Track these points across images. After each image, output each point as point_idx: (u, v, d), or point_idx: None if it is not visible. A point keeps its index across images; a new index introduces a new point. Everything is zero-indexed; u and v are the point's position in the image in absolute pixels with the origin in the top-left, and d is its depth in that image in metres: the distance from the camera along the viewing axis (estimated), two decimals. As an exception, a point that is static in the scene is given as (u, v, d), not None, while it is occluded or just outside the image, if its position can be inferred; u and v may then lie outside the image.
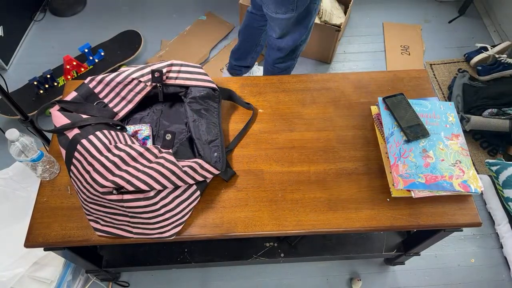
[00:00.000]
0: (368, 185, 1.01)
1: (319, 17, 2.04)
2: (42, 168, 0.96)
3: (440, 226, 0.97)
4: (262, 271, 1.56)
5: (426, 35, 2.37)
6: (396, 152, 1.00)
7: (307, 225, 0.95)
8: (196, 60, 2.20)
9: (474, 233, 1.67)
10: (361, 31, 2.39)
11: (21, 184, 1.44)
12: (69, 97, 1.02)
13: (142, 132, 1.06)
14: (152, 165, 0.86)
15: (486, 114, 1.85)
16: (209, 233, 0.94)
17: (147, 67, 1.05)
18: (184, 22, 2.39)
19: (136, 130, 1.06)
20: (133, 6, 2.52)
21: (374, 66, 2.22)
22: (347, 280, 1.54)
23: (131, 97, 1.05)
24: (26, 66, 2.20)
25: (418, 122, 1.03)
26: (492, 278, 1.56)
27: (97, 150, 0.86)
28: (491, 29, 2.38)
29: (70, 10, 2.47)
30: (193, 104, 1.04)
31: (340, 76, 1.23)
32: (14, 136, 0.87)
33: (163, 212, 0.88)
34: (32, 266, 1.30)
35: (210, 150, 0.99)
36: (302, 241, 1.38)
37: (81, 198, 0.90)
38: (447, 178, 0.96)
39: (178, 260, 1.34)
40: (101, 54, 2.10)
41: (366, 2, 2.52)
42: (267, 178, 1.02)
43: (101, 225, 0.93)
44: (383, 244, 1.37)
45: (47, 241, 0.93)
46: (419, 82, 1.21)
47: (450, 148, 1.01)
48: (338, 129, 1.11)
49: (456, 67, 2.19)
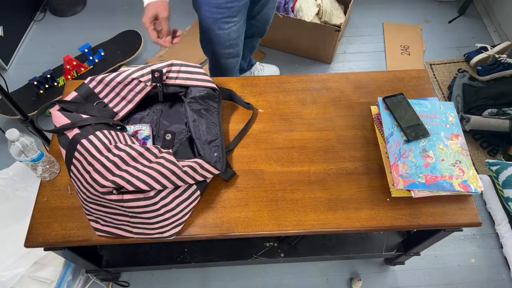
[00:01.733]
0: (368, 185, 1.01)
1: (319, 17, 2.04)
2: (42, 168, 0.97)
3: (440, 226, 0.97)
4: (262, 271, 1.56)
5: (426, 35, 2.37)
6: (396, 152, 1.00)
7: (307, 225, 0.95)
8: (196, 60, 2.20)
9: (474, 233, 1.67)
10: (361, 31, 2.39)
11: (21, 184, 1.44)
12: (69, 97, 1.02)
13: (142, 132, 1.06)
14: (152, 165, 0.86)
15: (486, 114, 1.85)
16: (209, 233, 0.94)
17: (147, 67, 1.05)
18: (184, 22, 2.39)
19: (136, 130, 1.06)
20: (133, 6, 2.52)
21: (374, 66, 2.22)
22: (347, 280, 1.54)
23: (131, 97, 1.05)
24: (26, 66, 2.20)
25: (418, 122, 1.03)
26: (492, 278, 1.56)
27: (97, 150, 0.86)
28: (491, 29, 2.38)
29: (70, 10, 2.47)
30: (193, 104, 1.04)
31: (340, 76, 1.23)
32: (14, 136, 0.87)
33: (163, 212, 0.88)
34: (32, 266, 1.30)
35: (210, 150, 0.99)
36: (302, 241, 1.38)
37: (81, 198, 0.90)
38: (447, 178, 0.96)
39: (178, 260, 1.34)
40: (101, 54, 2.10)
41: (366, 2, 2.52)
42: (267, 178, 1.02)
43: (101, 225, 0.93)
44: (383, 244, 1.37)
45: (47, 241, 0.93)
46: (419, 82, 1.21)
47: (450, 148, 1.01)
48: (338, 129, 1.11)
49: (456, 67, 2.19)
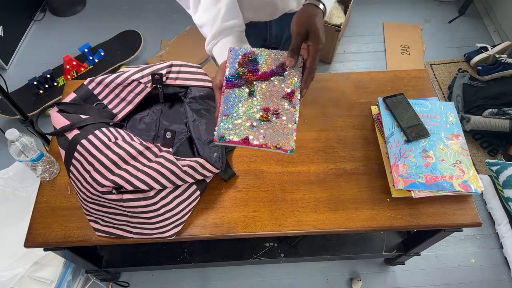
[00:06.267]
0: (368, 185, 1.01)
1: (319, 17, 2.03)
2: (42, 168, 0.96)
3: (440, 226, 0.97)
4: (262, 271, 1.56)
5: (426, 35, 2.37)
6: (396, 152, 0.99)
7: (307, 225, 0.95)
8: (196, 60, 2.20)
9: (474, 233, 1.67)
10: (361, 31, 2.39)
11: (21, 184, 1.44)
12: (68, 98, 1.02)
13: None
14: (151, 165, 0.86)
15: (486, 114, 1.85)
16: (209, 233, 0.94)
17: (147, 68, 1.05)
18: (184, 22, 2.38)
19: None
20: (133, 6, 2.52)
21: (374, 66, 2.22)
22: (347, 280, 1.54)
23: (131, 98, 1.05)
24: (26, 66, 2.20)
25: (418, 122, 1.03)
26: (492, 278, 1.56)
27: (97, 149, 0.86)
28: (491, 29, 2.38)
29: (70, 10, 2.47)
30: (193, 104, 1.04)
31: (340, 76, 1.23)
32: (14, 136, 0.87)
33: (163, 212, 0.88)
34: (32, 266, 1.30)
35: (210, 150, 0.98)
36: (302, 241, 1.38)
37: (81, 198, 0.90)
38: (447, 178, 0.96)
39: (178, 260, 1.34)
40: (101, 54, 2.10)
41: (366, 2, 2.52)
42: (267, 178, 1.02)
43: (101, 225, 0.93)
44: (383, 244, 1.37)
45: (47, 241, 0.93)
46: (419, 82, 1.21)
47: (450, 148, 1.01)
48: (338, 129, 1.11)
49: (456, 67, 2.19)
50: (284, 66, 0.74)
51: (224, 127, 0.69)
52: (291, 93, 0.72)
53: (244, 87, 0.73)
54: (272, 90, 0.73)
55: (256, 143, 0.68)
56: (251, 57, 0.75)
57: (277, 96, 0.72)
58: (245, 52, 0.76)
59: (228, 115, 0.70)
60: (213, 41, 0.82)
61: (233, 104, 0.71)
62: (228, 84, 0.73)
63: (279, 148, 0.68)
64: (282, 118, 0.70)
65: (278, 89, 0.73)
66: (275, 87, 0.73)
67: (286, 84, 0.73)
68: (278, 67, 0.75)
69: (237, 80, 0.73)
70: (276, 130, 0.69)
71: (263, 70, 0.74)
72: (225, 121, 0.70)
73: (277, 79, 0.74)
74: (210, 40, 0.83)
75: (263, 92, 0.72)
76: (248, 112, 0.70)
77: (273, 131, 0.69)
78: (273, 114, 0.70)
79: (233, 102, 0.71)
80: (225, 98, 0.72)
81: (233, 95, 0.72)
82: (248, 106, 0.71)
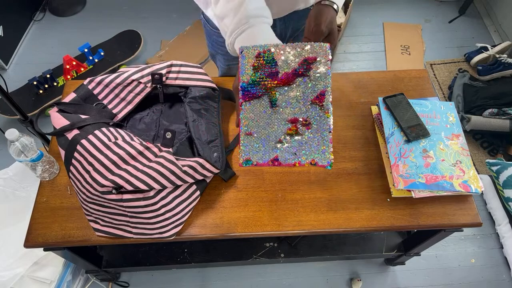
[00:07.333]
0: (368, 185, 1.01)
1: (319, 17, 2.03)
2: (41, 168, 0.96)
3: (440, 226, 0.97)
4: (262, 271, 1.56)
5: (426, 35, 2.37)
6: (396, 152, 0.99)
7: (307, 225, 0.95)
8: (196, 60, 2.20)
9: (475, 233, 1.67)
10: (361, 31, 2.39)
11: (21, 184, 1.44)
12: (67, 98, 1.02)
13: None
14: (151, 165, 0.86)
15: (486, 114, 1.85)
16: (209, 233, 0.94)
17: (147, 68, 1.05)
18: (184, 22, 2.39)
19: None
20: (133, 6, 2.52)
21: (374, 66, 2.22)
22: (347, 280, 1.54)
23: (131, 98, 1.05)
24: (26, 66, 2.20)
25: (418, 122, 1.03)
26: (492, 278, 1.56)
27: (97, 149, 0.86)
28: (491, 29, 2.38)
29: (70, 10, 2.47)
30: (193, 104, 1.04)
31: (340, 76, 1.23)
32: (14, 136, 0.87)
33: (163, 212, 0.88)
34: (32, 266, 1.30)
35: (210, 150, 0.98)
36: (302, 241, 1.38)
37: (81, 198, 0.90)
38: (447, 178, 0.96)
39: (178, 260, 1.34)
40: (101, 54, 2.10)
41: (366, 2, 2.52)
42: (267, 178, 1.02)
43: (100, 225, 0.93)
44: (383, 244, 1.37)
45: (47, 241, 0.93)
46: (419, 82, 1.21)
47: (450, 148, 1.01)
48: (338, 129, 1.11)
49: (456, 67, 2.19)
50: (308, 62, 0.61)
51: (248, 149, 0.59)
52: (321, 94, 0.60)
53: (264, 96, 0.61)
54: (297, 96, 0.60)
55: (287, 163, 0.59)
56: (267, 57, 0.62)
57: (304, 102, 0.60)
58: (260, 51, 0.62)
59: (251, 134, 0.60)
60: (237, 30, 0.67)
61: (255, 120, 0.61)
62: (245, 97, 0.61)
63: (315, 164, 0.59)
64: (313, 127, 0.59)
65: (304, 93, 0.60)
66: (300, 91, 0.60)
67: (313, 85, 0.60)
68: (301, 64, 0.61)
69: (254, 89, 0.61)
70: (308, 144, 0.59)
71: (284, 71, 0.61)
72: (248, 142, 0.60)
73: (302, 80, 0.61)
74: (233, 29, 0.67)
75: (288, 100, 0.60)
76: (273, 128, 0.60)
77: (305, 145, 0.59)
78: (303, 125, 0.59)
79: (254, 118, 0.61)
80: (244, 114, 0.61)
81: (253, 109, 0.61)
82: (272, 120, 0.60)
